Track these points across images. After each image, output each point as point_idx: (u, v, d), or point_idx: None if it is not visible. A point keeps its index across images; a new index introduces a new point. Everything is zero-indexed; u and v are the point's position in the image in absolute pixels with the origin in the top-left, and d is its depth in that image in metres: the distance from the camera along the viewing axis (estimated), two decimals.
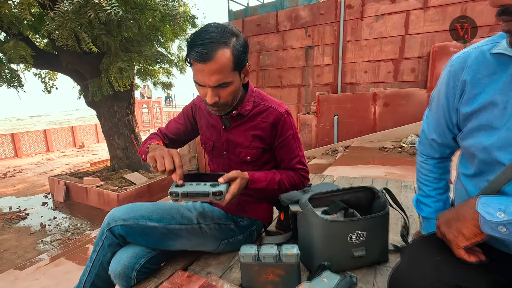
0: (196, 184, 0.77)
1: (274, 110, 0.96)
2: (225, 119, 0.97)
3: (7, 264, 3.59)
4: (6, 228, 4.65)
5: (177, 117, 1.16)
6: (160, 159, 0.77)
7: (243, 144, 0.97)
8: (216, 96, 0.82)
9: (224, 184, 0.78)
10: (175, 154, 0.79)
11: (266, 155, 1.01)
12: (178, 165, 0.78)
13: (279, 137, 0.97)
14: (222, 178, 0.80)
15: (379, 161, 3.37)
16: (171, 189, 0.75)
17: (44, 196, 6.04)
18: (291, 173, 0.99)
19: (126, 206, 0.94)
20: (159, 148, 0.85)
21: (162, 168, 0.76)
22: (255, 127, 0.96)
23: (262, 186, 0.90)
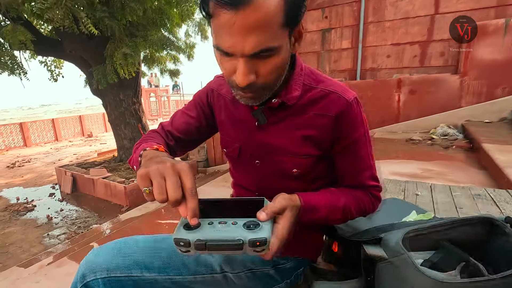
0: (220, 222, 0.47)
1: (337, 97, 0.62)
2: (258, 111, 0.65)
3: (12, 259, 3.47)
4: (13, 220, 4.55)
5: (185, 107, 0.82)
6: (159, 179, 0.44)
7: (287, 149, 0.66)
8: (251, 72, 0.50)
9: (268, 223, 0.47)
10: (185, 171, 0.45)
11: (321, 166, 0.69)
12: (191, 191, 0.44)
13: (344, 139, 0.64)
14: (264, 212, 0.48)
15: (409, 155, 3.05)
16: (178, 233, 0.45)
17: (52, 187, 5.95)
18: (359, 193, 0.67)
19: (111, 247, 0.66)
20: (158, 157, 0.51)
21: (162, 196, 0.43)
22: (307, 124, 0.64)
23: (320, 216, 0.60)
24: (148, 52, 5.93)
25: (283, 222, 0.51)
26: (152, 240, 0.69)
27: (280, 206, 0.51)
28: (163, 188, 0.44)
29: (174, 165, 0.46)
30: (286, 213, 0.52)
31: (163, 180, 0.44)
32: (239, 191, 0.80)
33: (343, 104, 0.62)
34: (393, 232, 0.58)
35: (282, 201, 0.53)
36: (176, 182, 0.44)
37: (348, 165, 0.67)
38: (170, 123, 0.81)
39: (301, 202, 0.58)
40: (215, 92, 0.77)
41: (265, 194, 0.72)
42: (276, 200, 0.53)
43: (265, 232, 0.45)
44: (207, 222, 0.47)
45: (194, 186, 0.45)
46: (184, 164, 0.47)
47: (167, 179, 0.44)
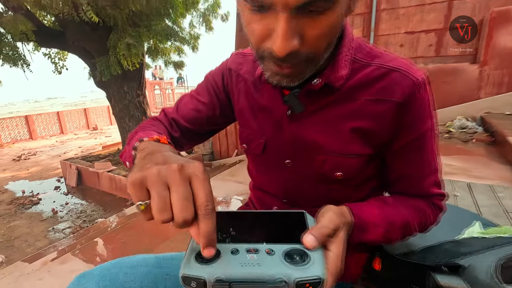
0: (249, 250, 0.33)
1: (402, 77, 0.47)
2: (292, 96, 0.50)
3: (17, 253, 3.44)
4: (18, 214, 4.54)
5: (195, 91, 0.68)
6: (160, 189, 0.30)
7: (329, 147, 0.51)
8: (295, 36, 0.36)
9: (318, 251, 0.34)
10: (199, 177, 0.31)
11: (371, 168, 0.55)
12: (205, 208, 0.30)
13: (408, 133, 0.49)
14: (312, 236, 0.34)
15: None
16: (188, 268, 0.31)
17: (57, 180, 5.93)
18: (420, 203, 0.53)
19: (99, 272, 0.52)
20: (160, 153, 0.37)
21: (164, 215, 0.30)
22: (358, 113, 0.49)
23: (375, 236, 0.46)
24: (152, 43, 5.81)
25: (337, 249, 0.37)
26: (155, 263, 0.56)
27: (333, 226, 0.37)
28: (167, 203, 0.30)
29: (183, 167, 0.32)
30: (340, 235, 0.38)
31: (166, 191, 0.30)
32: (260, 196, 0.66)
33: (411, 85, 0.47)
34: (474, 257, 0.44)
35: (334, 218, 0.39)
36: (186, 194, 0.30)
37: (408, 168, 0.53)
38: (176, 110, 0.66)
39: (352, 218, 0.44)
40: (233, 72, 0.62)
41: (296, 202, 0.59)
42: (325, 217, 0.39)
43: (318, 268, 0.31)
44: (229, 249, 0.33)
45: (211, 199, 0.31)
46: (198, 165, 0.33)
47: (173, 189, 0.30)
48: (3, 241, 3.72)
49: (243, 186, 3.25)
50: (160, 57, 6.54)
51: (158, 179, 0.31)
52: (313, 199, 0.57)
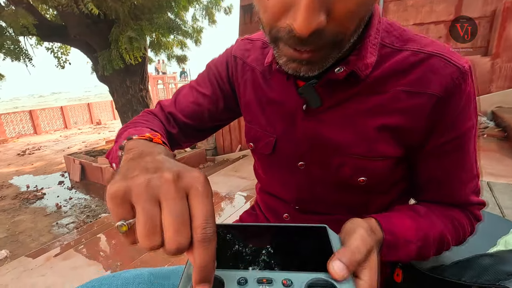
0: (261, 280, 0.26)
1: (443, 64, 0.39)
2: (308, 88, 0.43)
3: (22, 248, 3.45)
4: (22, 209, 4.55)
5: (196, 81, 0.60)
6: (149, 206, 0.24)
7: (351, 147, 0.44)
8: (321, 10, 0.29)
9: (348, 283, 0.27)
10: (198, 191, 0.25)
11: (399, 172, 0.48)
12: (203, 233, 0.23)
13: (447, 132, 0.42)
14: (340, 263, 0.27)
15: None
16: None
17: (61, 175, 5.93)
18: (456, 214, 0.46)
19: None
20: (151, 157, 0.30)
21: (152, 241, 0.23)
22: (387, 108, 0.42)
23: (407, 254, 0.39)
24: (154, 37, 5.74)
25: (370, 277, 0.29)
26: (148, 280, 0.49)
27: (366, 249, 0.30)
28: (156, 224, 0.23)
29: (180, 177, 0.25)
30: (372, 258, 0.31)
31: (156, 208, 0.24)
32: (268, 201, 0.59)
33: (454, 74, 0.39)
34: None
35: (367, 238, 0.31)
36: (182, 213, 0.24)
37: (444, 172, 0.45)
38: (173, 103, 0.59)
39: (383, 233, 0.37)
40: (238, 60, 0.55)
41: (309, 209, 0.53)
42: (356, 237, 0.31)
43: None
44: (235, 278, 0.26)
45: (211, 221, 0.24)
46: (198, 175, 0.26)
47: (165, 206, 0.24)
48: (7, 236, 3.73)
49: (247, 182, 3.21)
50: (162, 51, 6.48)
51: (146, 192, 0.24)
52: (329, 206, 0.51)
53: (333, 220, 0.46)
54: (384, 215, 0.41)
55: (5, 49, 4.33)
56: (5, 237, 3.68)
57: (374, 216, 0.39)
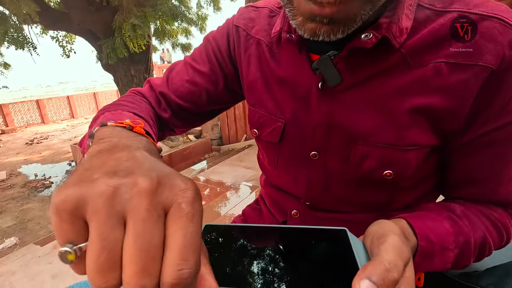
0: None
1: (500, 28, 0.31)
2: (324, 61, 0.36)
3: (30, 235, 3.50)
4: (31, 197, 4.60)
5: (191, 57, 0.51)
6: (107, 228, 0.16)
7: (377, 134, 0.37)
8: None
9: None
10: (183, 211, 0.17)
11: (431, 163, 0.40)
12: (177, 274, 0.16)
13: (498, 116, 0.34)
14: (370, 281, 0.19)
15: None
16: None
17: (68, 164, 5.98)
18: (498, 214, 0.38)
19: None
20: (124, 151, 0.22)
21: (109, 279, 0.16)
22: (424, 84, 0.34)
23: (445, 263, 0.33)
24: (158, 24, 5.64)
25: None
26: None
27: (403, 263, 0.23)
28: (114, 257, 0.17)
29: (159, 186, 0.18)
30: (409, 273, 0.24)
31: (118, 231, 0.17)
32: (274, 195, 0.52)
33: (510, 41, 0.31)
34: None
35: (404, 249, 0.24)
36: (154, 243, 0.17)
37: (488, 167, 0.38)
38: (166, 82, 0.51)
39: (416, 239, 0.30)
40: (241, 31, 0.47)
41: (322, 205, 0.46)
42: (390, 248, 0.24)
43: None
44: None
45: (190, 257, 0.17)
46: (185, 185, 0.19)
47: (131, 229, 0.17)
48: (16, 223, 3.79)
49: (252, 172, 3.16)
50: (167, 39, 6.40)
51: (107, 207, 0.17)
52: (345, 204, 0.44)
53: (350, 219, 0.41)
54: (416, 215, 0.34)
55: (8, 37, 4.31)
56: (14, 225, 3.74)
57: (403, 216, 0.33)
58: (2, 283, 1.91)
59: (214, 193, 2.86)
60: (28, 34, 4.62)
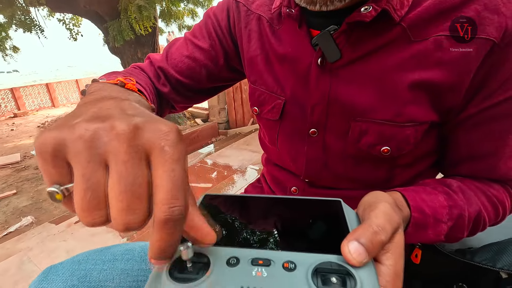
0: (256, 261, 0.20)
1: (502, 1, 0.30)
2: (324, 36, 0.36)
3: (46, 215, 3.65)
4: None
5: (191, 33, 0.51)
6: (89, 168, 0.17)
7: (376, 110, 0.37)
8: None
9: (368, 268, 0.20)
10: (164, 150, 0.18)
11: (430, 140, 0.40)
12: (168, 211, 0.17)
13: (499, 91, 0.33)
14: (359, 244, 0.20)
15: None
16: (156, 285, 0.19)
17: None
18: (495, 190, 0.38)
19: (69, 267, 0.41)
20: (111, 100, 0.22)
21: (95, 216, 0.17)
22: (424, 59, 0.34)
23: (438, 235, 0.33)
24: (164, 6, 5.55)
25: (394, 261, 0.23)
26: (139, 257, 0.45)
27: (392, 228, 0.24)
28: (99, 196, 0.18)
29: (138, 130, 0.18)
30: (398, 239, 0.25)
31: (100, 172, 0.18)
32: (275, 173, 0.53)
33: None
34: None
35: (394, 215, 0.25)
36: (135, 183, 0.17)
37: (488, 143, 0.37)
38: (165, 57, 0.51)
39: (409, 210, 0.31)
40: (241, 6, 0.46)
41: (321, 182, 0.47)
42: (378, 213, 0.25)
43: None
44: (225, 257, 0.22)
45: (179, 196, 0.18)
46: (167, 128, 0.19)
47: (113, 171, 0.18)
48: (32, 203, 3.94)
49: (258, 155, 3.19)
50: (173, 20, 6.31)
51: (87, 149, 0.18)
52: (344, 181, 0.44)
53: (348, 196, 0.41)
54: (411, 189, 0.34)
55: (16, 20, 4.32)
56: (30, 204, 3.89)
57: (399, 189, 0.33)
58: (21, 257, 2.01)
59: (221, 176, 2.90)
60: (35, 17, 4.61)
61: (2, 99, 9.18)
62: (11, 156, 5.62)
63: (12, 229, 3.10)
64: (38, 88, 10.15)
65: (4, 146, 6.46)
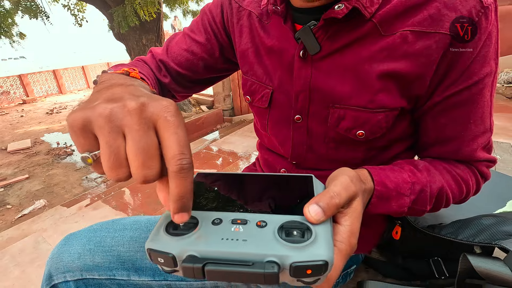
0: (235, 220, 0.26)
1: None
2: (305, 31, 0.40)
3: (57, 198, 3.79)
4: (55, 163, 4.89)
5: (189, 28, 0.56)
6: (110, 137, 0.22)
7: (351, 97, 0.41)
8: None
9: (325, 226, 0.25)
10: (167, 120, 0.23)
11: (402, 126, 0.44)
12: (177, 161, 0.22)
13: (460, 79, 0.38)
14: (318, 206, 0.26)
15: None
16: (155, 240, 0.25)
17: None
18: (460, 170, 0.43)
19: (86, 236, 0.50)
20: (120, 86, 0.28)
21: (120, 173, 0.23)
22: (392, 51, 0.38)
23: (401, 207, 0.38)
24: None
25: (351, 223, 0.28)
26: (145, 227, 0.51)
27: (347, 195, 0.29)
28: (120, 157, 0.22)
29: (144, 106, 0.23)
30: (355, 205, 0.30)
31: (119, 139, 0.22)
32: (267, 157, 0.58)
33: (473, 10, 0.35)
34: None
35: (351, 185, 0.30)
36: (147, 144, 0.22)
37: (453, 126, 0.41)
38: (166, 51, 0.55)
39: (373, 184, 0.36)
40: (233, 3, 0.50)
41: (307, 164, 0.51)
42: (337, 182, 0.29)
43: (323, 248, 0.23)
44: (210, 218, 0.27)
45: (186, 150, 0.22)
46: (166, 103, 0.24)
47: (129, 137, 0.22)
48: (44, 187, 4.09)
49: None
50: (177, 5, 6.23)
51: (108, 123, 0.22)
52: (327, 162, 0.49)
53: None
54: (378, 167, 0.39)
55: (22, 6, 4.33)
56: (42, 188, 4.04)
57: (367, 167, 0.38)
58: (36, 238, 2.13)
59: (226, 163, 2.96)
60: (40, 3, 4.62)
61: (11, 86, 9.31)
62: (22, 142, 5.78)
63: (26, 212, 3.25)
64: (45, 74, 10.25)
65: (15, 132, 6.63)
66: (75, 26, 6.09)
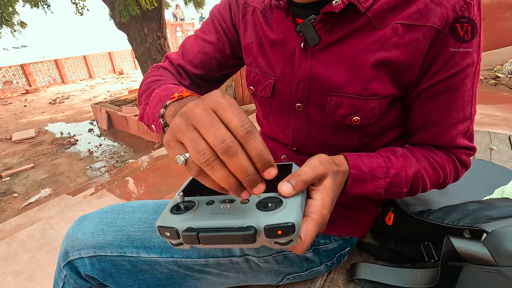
0: (223, 201, 0.32)
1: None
2: (306, 25, 0.43)
3: (62, 187, 3.86)
4: (59, 153, 4.96)
5: (200, 29, 0.60)
6: (188, 133, 0.27)
7: (346, 85, 0.44)
8: None
9: (295, 199, 0.31)
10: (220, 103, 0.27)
11: (393, 113, 0.48)
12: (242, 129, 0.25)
13: (446, 68, 0.41)
14: (288, 182, 0.31)
15: None
16: (162, 219, 0.31)
17: (90, 123, 6.28)
18: (438, 157, 0.46)
19: (99, 217, 0.53)
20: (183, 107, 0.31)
21: (205, 155, 0.25)
22: (384, 43, 0.41)
23: (375, 188, 0.42)
24: None
25: (321, 197, 0.33)
26: (152, 209, 0.55)
27: (314, 173, 0.33)
28: (200, 142, 0.26)
29: (199, 103, 0.27)
30: (326, 183, 0.35)
31: (195, 133, 0.26)
32: (269, 144, 0.61)
33: (457, 5, 0.38)
34: (503, 222, 0.38)
35: (319, 165, 0.34)
36: (214, 122, 0.26)
37: (436, 113, 0.45)
38: (181, 55, 0.60)
39: (348, 167, 0.40)
40: (239, 1, 0.54)
41: (306, 151, 0.55)
42: (308, 165, 0.34)
43: (291, 213, 0.29)
44: (205, 201, 0.33)
45: (244, 119, 0.25)
46: (214, 93, 0.28)
47: (199, 126, 0.26)
48: (49, 176, 4.15)
49: None
50: None
51: (183, 127, 0.27)
52: (325, 149, 0.52)
53: None
54: (356, 153, 0.43)
55: None
56: (47, 177, 4.10)
57: (344, 153, 0.42)
58: (43, 225, 2.19)
59: None
60: None
61: (14, 75, 9.32)
62: (26, 132, 5.84)
63: (33, 200, 3.32)
64: (47, 64, 10.24)
65: (19, 122, 6.69)
66: (76, 15, 6.04)
